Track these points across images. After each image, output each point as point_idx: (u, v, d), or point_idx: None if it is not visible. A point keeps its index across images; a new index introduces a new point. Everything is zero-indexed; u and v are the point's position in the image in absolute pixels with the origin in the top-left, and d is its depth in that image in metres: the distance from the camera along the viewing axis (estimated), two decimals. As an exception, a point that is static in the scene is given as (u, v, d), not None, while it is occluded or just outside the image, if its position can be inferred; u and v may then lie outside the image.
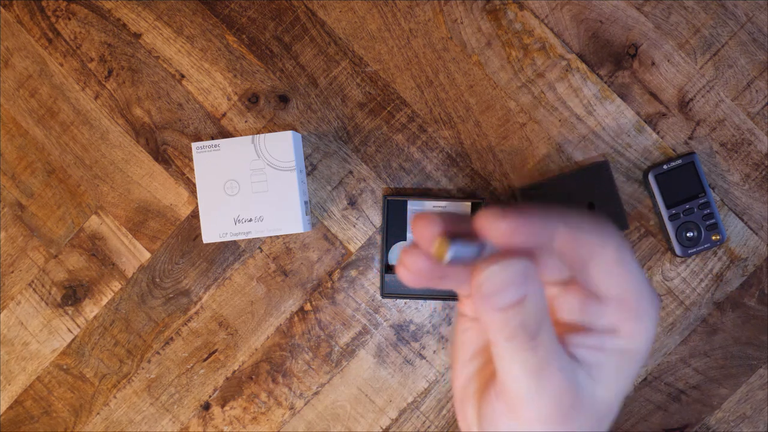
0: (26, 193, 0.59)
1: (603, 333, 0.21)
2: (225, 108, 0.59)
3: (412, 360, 0.59)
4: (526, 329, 0.19)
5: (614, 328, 0.21)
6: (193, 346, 0.59)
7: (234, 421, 0.60)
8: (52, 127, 0.59)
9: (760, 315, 0.58)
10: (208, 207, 0.54)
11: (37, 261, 0.59)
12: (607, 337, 0.21)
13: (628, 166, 0.58)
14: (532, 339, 0.19)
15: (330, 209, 0.59)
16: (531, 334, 0.19)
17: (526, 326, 0.19)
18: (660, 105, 0.58)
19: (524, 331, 0.19)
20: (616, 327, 0.20)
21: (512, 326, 0.19)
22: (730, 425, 0.59)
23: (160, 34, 0.59)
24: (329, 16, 0.58)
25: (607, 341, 0.21)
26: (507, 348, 0.20)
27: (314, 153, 0.59)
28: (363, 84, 0.58)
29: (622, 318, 0.20)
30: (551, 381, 0.19)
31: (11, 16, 0.59)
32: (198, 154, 0.54)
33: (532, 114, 0.58)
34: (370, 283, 0.59)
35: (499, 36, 0.58)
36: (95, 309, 0.60)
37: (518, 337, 0.19)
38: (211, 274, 0.59)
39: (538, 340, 0.19)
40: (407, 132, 0.59)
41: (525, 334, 0.19)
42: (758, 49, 0.57)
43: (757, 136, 0.57)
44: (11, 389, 0.60)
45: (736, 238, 0.58)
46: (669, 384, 0.59)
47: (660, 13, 0.57)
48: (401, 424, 0.59)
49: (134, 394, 0.60)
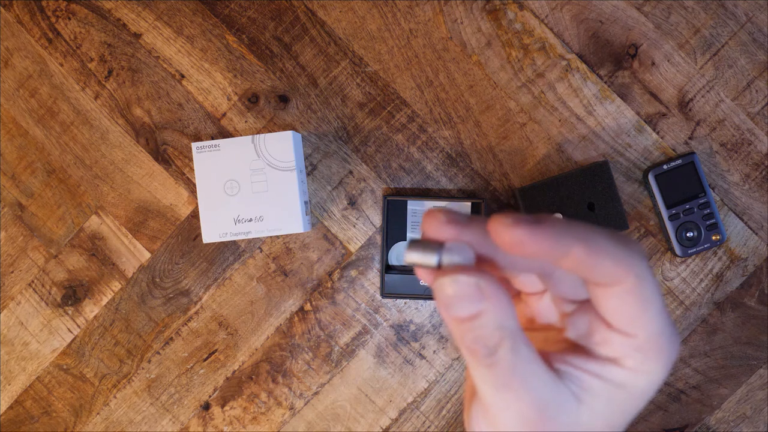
0: (26, 193, 0.59)
1: (604, 361, 0.20)
2: (225, 108, 0.59)
3: (412, 360, 0.59)
4: (482, 345, 0.19)
5: (617, 359, 0.20)
6: (193, 346, 0.59)
7: (234, 421, 0.60)
8: (52, 127, 0.59)
9: (760, 315, 0.58)
10: (208, 207, 0.54)
11: (37, 261, 0.59)
12: (606, 366, 0.20)
13: (628, 166, 0.58)
14: (489, 356, 0.19)
15: (330, 209, 0.59)
16: (488, 350, 0.19)
17: (482, 342, 0.19)
18: (660, 105, 0.58)
19: (481, 346, 0.19)
20: (619, 359, 0.20)
21: (468, 340, 0.19)
22: (730, 425, 0.59)
23: (160, 34, 0.59)
24: (329, 16, 0.58)
25: (607, 370, 0.20)
26: (467, 359, 0.19)
27: (314, 153, 0.59)
28: (363, 84, 0.58)
29: (626, 352, 0.19)
30: (515, 397, 0.19)
31: (11, 16, 0.59)
32: (198, 154, 0.54)
33: (532, 114, 0.58)
34: (370, 283, 0.59)
35: (499, 36, 0.58)
36: (95, 309, 0.60)
37: (475, 352, 0.19)
38: (211, 274, 0.59)
39: (496, 357, 0.19)
40: (407, 132, 0.59)
41: (481, 350, 0.19)
42: (758, 49, 0.57)
43: (757, 136, 0.57)
44: (11, 389, 0.60)
45: (736, 238, 0.58)
46: (669, 384, 0.59)
47: (660, 13, 0.57)
48: (401, 424, 0.59)
49: (134, 394, 0.60)
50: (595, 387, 0.20)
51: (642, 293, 0.19)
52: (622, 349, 0.19)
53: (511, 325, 0.19)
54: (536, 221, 0.19)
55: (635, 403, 0.20)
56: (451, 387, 0.59)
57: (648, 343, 0.19)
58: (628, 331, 0.19)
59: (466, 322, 0.19)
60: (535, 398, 0.19)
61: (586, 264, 0.19)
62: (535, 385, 0.19)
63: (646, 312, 0.19)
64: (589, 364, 0.20)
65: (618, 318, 0.19)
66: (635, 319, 0.19)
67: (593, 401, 0.20)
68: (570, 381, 0.20)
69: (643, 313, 0.19)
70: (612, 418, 0.20)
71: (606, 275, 0.19)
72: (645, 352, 0.19)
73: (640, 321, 0.19)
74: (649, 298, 0.19)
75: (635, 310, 0.19)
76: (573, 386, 0.20)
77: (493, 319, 0.19)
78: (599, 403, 0.20)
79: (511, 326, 0.19)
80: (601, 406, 0.20)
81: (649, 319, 0.19)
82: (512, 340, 0.19)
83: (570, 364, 0.20)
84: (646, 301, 0.19)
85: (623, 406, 0.20)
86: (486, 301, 0.18)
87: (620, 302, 0.19)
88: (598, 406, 0.20)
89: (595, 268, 0.18)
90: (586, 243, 0.18)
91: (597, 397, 0.20)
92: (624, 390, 0.20)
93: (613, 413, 0.20)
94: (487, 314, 0.19)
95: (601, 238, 0.19)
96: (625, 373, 0.20)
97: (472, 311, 0.19)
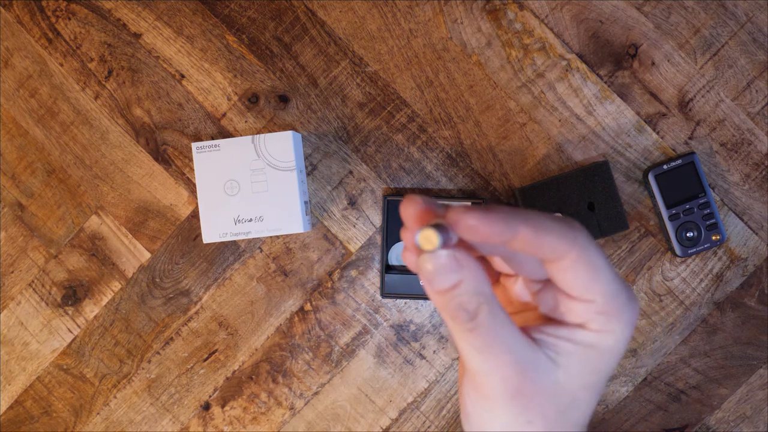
0: (26, 193, 0.59)
1: (572, 327, 0.22)
2: (225, 108, 0.59)
3: (412, 360, 0.59)
4: (464, 310, 0.21)
5: (582, 323, 0.22)
6: (193, 346, 0.59)
7: (234, 421, 0.60)
8: (52, 127, 0.59)
9: (760, 315, 0.58)
10: (208, 207, 0.54)
11: (37, 261, 0.59)
12: (575, 330, 0.22)
13: (628, 166, 0.58)
14: (471, 320, 0.21)
15: (330, 209, 0.59)
16: (469, 315, 0.21)
17: (463, 308, 0.21)
18: (660, 105, 0.58)
19: (463, 312, 0.21)
20: (585, 322, 0.22)
21: (451, 308, 0.21)
22: (730, 425, 0.59)
23: (160, 34, 0.59)
24: (329, 16, 0.58)
25: (575, 334, 0.22)
26: (452, 327, 0.21)
27: (314, 153, 0.59)
28: (363, 84, 0.58)
29: (590, 316, 0.22)
30: (496, 359, 0.21)
31: (11, 16, 0.59)
32: (198, 154, 0.54)
33: (532, 114, 0.58)
34: (370, 283, 0.59)
35: (499, 36, 0.58)
36: (95, 309, 0.60)
37: (457, 317, 0.21)
38: (211, 274, 0.59)
39: (477, 321, 0.21)
40: (407, 132, 0.59)
41: (463, 315, 0.21)
42: (758, 49, 0.57)
43: (757, 136, 0.57)
44: (11, 389, 0.60)
45: (736, 238, 0.58)
46: (669, 384, 0.59)
47: (660, 13, 0.57)
48: (401, 424, 0.59)
49: (134, 394, 0.60)
50: (567, 349, 0.22)
51: (588, 262, 0.21)
52: (585, 314, 0.22)
53: (487, 291, 0.21)
54: (487, 209, 0.21)
55: (606, 361, 0.22)
56: (452, 387, 0.59)
57: (606, 305, 0.21)
58: (585, 298, 0.21)
59: (448, 292, 0.21)
60: (516, 360, 0.21)
61: (533, 243, 0.21)
62: (514, 347, 0.21)
63: (596, 278, 0.21)
64: (561, 331, 0.22)
65: (573, 288, 0.21)
66: (588, 286, 0.21)
67: (568, 362, 0.22)
68: (545, 347, 0.22)
69: (593, 280, 0.21)
70: (586, 377, 0.22)
71: (553, 250, 0.21)
72: (605, 314, 0.21)
73: (593, 287, 0.21)
74: (596, 265, 0.21)
75: (586, 278, 0.21)
76: (548, 351, 0.22)
77: (471, 285, 0.21)
78: (573, 364, 0.22)
79: (487, 292, 0.21)
80: (575, 367, 0.22)
81: (600, 284, 0.21)
82: (489, 305, 0.21)
83: (544, 333, 0.22)
84: (593, 269, 0.21)
85: (595, 365, 0.22)
86: (463, 270, 0.21)
87: (571, 273, 0.21)
88: (573, 367, 0.22)
89: (542, 245, 0.21)
90: (530, 224, 0.21)
91: (570, 359, 0.22)
92: (594, 349, 0.22)
93: (586, 372, 0.22)
94: (466, 282, 0.21)
95: (543, 218, 0.21)
96: (592, 335, 0.22)
97: (452, 281, 0.21)
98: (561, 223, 0.21)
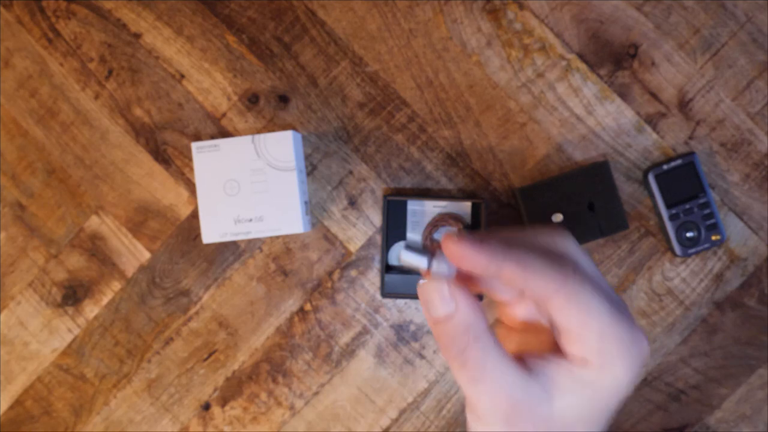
0: (26, 193, 0.59)
1: (573, 359, 0.22)
2: (225, 108, 0.59)
3: (412, 360, 0.59)
4: (454, 343, 0.22)
5: (582, 358, 0.21)
6: (193, 346, 0.59)
7: (234, 421, 0.60)
8: (52, 127, 0.59)
9: (760, 315, 0.58)
10: (208, 207, 0.54)
11: (37, 261, 0.59)
12: (573, 366, 0.21)
13: (628, 166, 0.58)
14: (461, 354, 0.21)
15: (330, 209, 0.59)
16: (459, 348, 0.22)
17: (454, 341, 0.22)
18: (660, 105, 0.58)
19: (453, 344, 0.22)
20: (585, 358, 0.21)
21: (443, 339, 0.22)
22: (730, 425, 0.59)
23: (160, 34, 0.59)
24: (329, 16, 0.58)
25: (573, 369, 0.21)
26: (446, 358, 0.22)
27: (314, 153, 0.59)
28: (363, 84, 0.58)
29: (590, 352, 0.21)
30: (486, 390, 0.21)
31: (11, 16, 0.59)
32: (198, 154, 0.54)
33: (532, 114, 0.58)
34: (370, 283, 0.59)
35: (499, 36, 0.58)
36: (95, 309, 0.60)
37: (449, 349, 0.22)
38: (211, 274, 0.59)
39: (466, 355, 0.21)
40: (407, 132, 0.59)
41: (454, 348, 0.22)
42: (758, 49, 0.57)
43: (757, 136, 0.57)
44: (11, 389, 0.60)
45: (736, 238, 0.58)
46: (669, 384, 0.59)
47: (660, 13, 0.57)
48: (401, 424, 0.59)
49: (134, 394, 0.60)
50: (564, 383, 0.22)
51: (579, 303, 0.21)
52: (582, 350, 0.21)
53: (479, 326, 0.22)
54: (479, 240, 0.21)
55: (605, 400, 0.22)
56: (452, 387, 0.59)
57: (601, 344, 0.21)
58: (578, 337, 0.21)
59: (441, 324, 0.22)
60: (507, 393, 0.21)
61: (518, 281, 0.21)
62: (505, 381, 0.21)
63: (588, 320, 0.21)
64: (561, 362, 0.22)
65: (566, 326, 0.21)
66: (581, 326, 0.21)
67: (563, 396, 0.21)
68: (543, 377, 0.22)
69: (585, 321, 0.21)
70: (583, 413, 0.22)
71: (540, 291, 0.21)
72: (602, 354, 0.21)
73: (586, 327, 0.21)
74: (589, 306, 0.21)
75: (578, 319, 0.21)
76: (545, 382, 0.22)
77: (462, 320, 0.22)
78: (569, 397, 0.21)
79: (479, 328, 0.22)
80: (571, 400, 0.21)
81: (594, 324, 0.21)
82: (480, 341, 0.21)
83: (544, 363, 0.22)
84: (585, 311, 0.21)
85: (593, 401, 0.21)
86: (456, 305, 0.22)
87: (561, 313, 0.21)
88: (569, 400, 0.21)
89: (528, 285, 0.21)
90: (516, 262, 0.21)
91: (567, 393, 0.21)
92: (591, 387, 0.21)
93: (583, 408, 0.22)
94: (458, 316, 0.22)
95: (532, 257, 0.21)
96: (590, 372, 0.21)
97: (445, 311, 0.22)
98: (550, 262, 0.21)
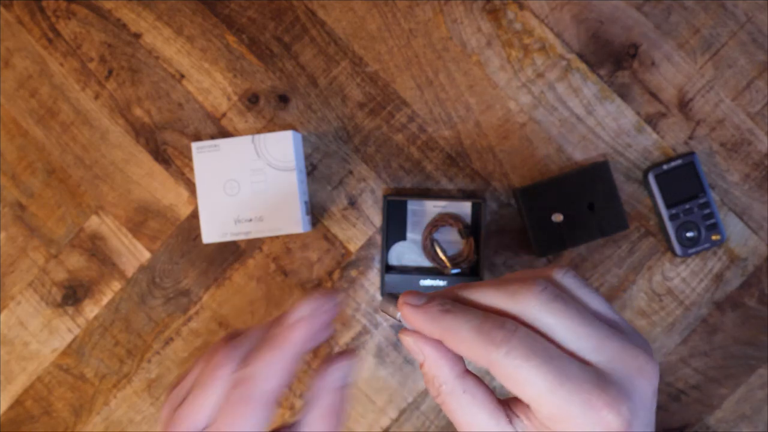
0: (26, 193, 0.59)
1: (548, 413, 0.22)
2: (225, 108, 0.59)
3: (412, 360, 0.59)
4: (431, 386, 0.24)
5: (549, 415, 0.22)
6: (193, 346, 0.59)
7: (234, 421, 0.60)
8: (52, 127, 0.59)
9: (760, 315, 0.58)
10: (208, 207, 0.54)
11: (37, 261, 0.59)
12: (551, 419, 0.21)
13: (628, 166, 0.58)
14: (437, 396, 0.24)
15: (330, 209, 0.59)
16: (434, 391, 0.24)
17: (430, 384, 0.24)
18: (660, 105, 0.58)
19: (430, 386, 0.24)
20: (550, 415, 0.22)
21: (425, 380, 0.24)
22: (730, 425, 0.59)
23: (160, 34, 0.59)
24: (329, 16, 0.58)
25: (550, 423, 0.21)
26: None
27: (314, 153, 0.59)
28: (363, 84, 0.58)
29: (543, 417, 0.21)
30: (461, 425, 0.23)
31: (11, 16, 0.59)
32: (198, 154, 0.54)
33: (532, 114, 0.58)
34: (370, 283, 0.59)
35: (499, 36, 0.58)
36: (95, 309, 0.60)
37: (429, 389, 0.24)
38: (211, 274, 0.59)
39: (441, 397, 0.23)
40: (407, 132, 0.59)
41: (431, 389, 0.24)
42: (758, 49, 0.57)
43: (757, 136, 0.57)
44: (11, 389, 0.60)
45: (736, 238, 0.58)
46: (669, 384, 0.59)
47: (660, 13, 0.57)
48: (401, 424, 0.59)
49: (134, 394, 0.60)
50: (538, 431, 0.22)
51: (508, 381, 0.21)
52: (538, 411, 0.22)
53: (446, 376, 0.23)
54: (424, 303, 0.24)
55: None
56: (451, 387, 0.59)
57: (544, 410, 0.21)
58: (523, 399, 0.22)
59: (421, 368, 0.24)
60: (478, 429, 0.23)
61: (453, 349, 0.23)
62: (476, 420, 0.23)
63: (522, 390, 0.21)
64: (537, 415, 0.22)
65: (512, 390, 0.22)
66: (519, 394, 0.21)
67: None
68: (520, 424, 0.23)
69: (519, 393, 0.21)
70: None
71: (473, 360, 0.22)
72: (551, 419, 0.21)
73: (523, 396, 0.21)
74: (519, 379, 0.21)
75: (512, 388, 0.21)
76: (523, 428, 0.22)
77: (428, 371, 0.24)
78: None
79: (446, 376, 0.23)
80: None
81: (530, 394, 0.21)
82: (450, 387, 0.23)
83: (521, 411, 0.23)
84: (516, 384, 0.21)
85: None
86: (423, 356, 0.24)
87: (501, 379, 0.21)
88: None
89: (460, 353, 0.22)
90: (445, 332, 0.22)
91: None
92: None
93: None
94: (425, 366, 0.24)
95: (464, 328, 0.22)
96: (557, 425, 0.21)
97: (419, 359, 0.24)
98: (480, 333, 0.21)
